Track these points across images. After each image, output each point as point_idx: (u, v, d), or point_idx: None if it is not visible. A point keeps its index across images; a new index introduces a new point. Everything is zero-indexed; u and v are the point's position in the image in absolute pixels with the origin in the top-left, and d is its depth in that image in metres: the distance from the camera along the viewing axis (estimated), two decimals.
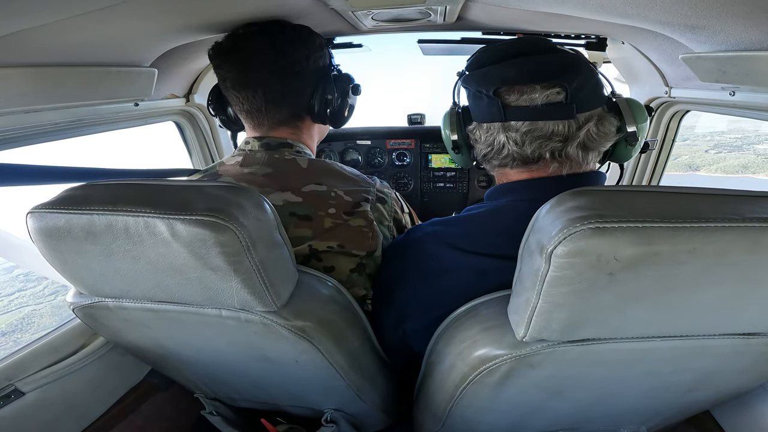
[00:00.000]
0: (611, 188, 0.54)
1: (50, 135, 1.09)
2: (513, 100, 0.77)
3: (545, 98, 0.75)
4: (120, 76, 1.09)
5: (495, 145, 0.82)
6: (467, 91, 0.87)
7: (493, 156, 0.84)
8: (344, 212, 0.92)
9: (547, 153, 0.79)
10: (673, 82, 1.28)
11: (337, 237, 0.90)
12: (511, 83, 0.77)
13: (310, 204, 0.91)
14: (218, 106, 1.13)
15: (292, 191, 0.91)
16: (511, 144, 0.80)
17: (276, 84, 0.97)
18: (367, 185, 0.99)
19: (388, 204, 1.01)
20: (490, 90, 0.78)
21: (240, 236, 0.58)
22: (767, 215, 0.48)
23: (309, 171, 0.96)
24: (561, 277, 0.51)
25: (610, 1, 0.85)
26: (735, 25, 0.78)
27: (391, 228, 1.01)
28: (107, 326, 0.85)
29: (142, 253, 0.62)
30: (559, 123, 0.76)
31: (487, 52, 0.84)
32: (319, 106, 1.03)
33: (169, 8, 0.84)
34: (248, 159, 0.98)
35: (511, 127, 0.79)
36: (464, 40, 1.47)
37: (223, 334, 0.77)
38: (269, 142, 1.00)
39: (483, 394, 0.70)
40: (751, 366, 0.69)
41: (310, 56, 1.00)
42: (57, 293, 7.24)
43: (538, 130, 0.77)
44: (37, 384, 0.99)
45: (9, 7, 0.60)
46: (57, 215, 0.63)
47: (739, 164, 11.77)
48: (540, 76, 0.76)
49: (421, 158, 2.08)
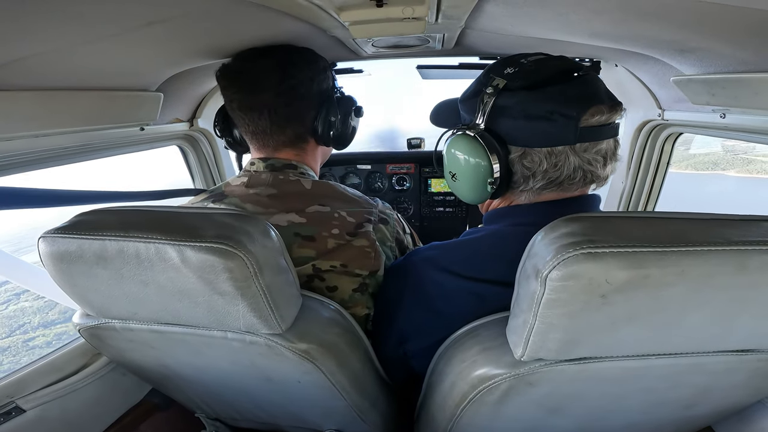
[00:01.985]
0: (602, 214, 0.57)
1: (59, 159, 1.12)
2: (594, 121, 0.75)
3: (617, 117, 0.77)
4: (127, 100, 1.12)
5: (565, 170, 0.77)
6: (515, 111, 0.77)
7: (558, 182, 0.78)
8: (347, 233, 0.93)
9: (609, 170, 0.80)
10: (666, 105, 1.31)
11: (340, 257, 0.91)
12: (598, 102, 0.75)
13: (314, 225, 0.92)
14: (224, 127, 1.15)
15: (297, 212, 0.93)
16: (589, 166, 0.77)
17: (281, 106, 0.99)
18: (370, 206, 1.01)
19: (390, 225, 1.03)
20: (579, 111, 0.73)
21: (248, 262, 0.60)
22: (752, 239, 0.51)
23: (313, 192, 0.97)
24: (556, 299, 0.53)
25: (601, 26, 0.89)
26: (723, 48, 0.81)
27: (394, 248, 1.02)
28: (112, 346, 0.87)
29: (151, 277, 0.64)
30: (610, 141, 0.78)
31: (544, 67, 0.78)
32: (322, 128, 1.05)
33: (177, 34, 0.87)
34: (253, 180, 0.99)
35: (578, 149, 0.76)
36: (462, 65, 1.51)
37: (226, 355, 0.78)
38: (274, 164, 1.01)
39: (483, 413, 0.72)
40: (747, 382, 0.70)
41: (314, 78, 1.03)
42: None
43: (602, 150, 0.77)
44: (38, 402, 1.00)
45: (20, 32, 0.63)
46: (69, 240, 0.65)
47: (709, 161, 11.85)
48: (607, 95, 0.77)
49: (421, 183, 2.10)
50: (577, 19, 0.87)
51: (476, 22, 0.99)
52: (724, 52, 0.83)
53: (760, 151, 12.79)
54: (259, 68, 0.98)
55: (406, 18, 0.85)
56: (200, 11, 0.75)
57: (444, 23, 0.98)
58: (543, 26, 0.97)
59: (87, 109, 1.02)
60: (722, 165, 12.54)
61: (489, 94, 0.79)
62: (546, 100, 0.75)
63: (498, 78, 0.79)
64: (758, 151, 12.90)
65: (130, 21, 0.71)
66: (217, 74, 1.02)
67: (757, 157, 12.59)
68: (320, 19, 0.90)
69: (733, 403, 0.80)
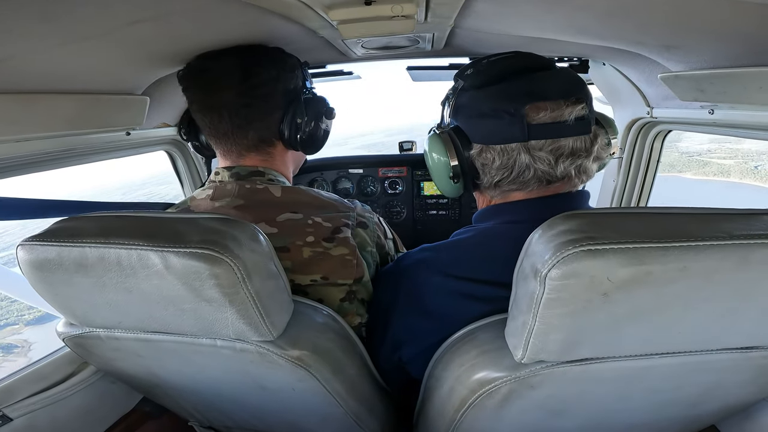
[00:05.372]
0: (600, 210, 0.56)
1: (42, 165, 1.09)
2: (539, 118, 0.74)
3: (572, 114, 0.74)
4: (112, 104, 1.09)
5: (516, 167, 0.78)
6: (470, 110, 0.81)
7: (511, 179, 0.79)
8: (323, 239, 0.87)
9: (573, 170, 0.78)
10: (654, 102, 1.32)
11: (320, 269, 0.86)
12: (541, 99, 0.74)
13: (287, 234, 0.86)
14: (190, 131, 1.09)
15: (267, 222, 0.87)
16: (539, 164, 0.76)
17: (242, 107, 0.92)
18: (347, 209, 0.94)
19: (369, 228, 0.96)
20: (518, 108, 0.73)
21: (235, 268, 0.58)
22: (754, 232, 0.50)
23: (283, 200, 0.91)
24: (556, 299, 0.52)
25: (588, 23, 0.89)
26: (709, 43, 0.81)
27: (374, 254, 0.96)
28: (98, 355, 0.84)
29: (135, 285, 0.62)
30: (578, 139, 0.76)
31: (494, 67, 0.80)
32: (289, 131, 0.97)
33: (161, 35, 0.84)
34: (219, 191, 0.93)
35: (534, 147, 0.75)
36: (452, 66, 1.51)
37: (217, 363, 0.76)
38: (239, 172, 0.95)
39: (484, 417, 0.70)
40: (753, 379, 0.69)
41: (279, 78, 0.96)
42: None
43: (562, 148, 0.75)
44: (26, 410, 0.97)
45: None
46: (48, 248, 0.63)
47: (666, 162, 12.26)
48: (567, 91, 0.75)
49: (413, 186, 2.09)
50: (563, 16, 0.87)
51: (465, 21, 0.98)
52: (711, 48, 0.83)
53: (716, 154, 13.38)
54: (221, 67, 0.92)
55: (395, 16, 0.84)
56: (185, 10, 0.73)
57: (433, 22, 0.97)
58: (531, 24, 0.96)
59: (70, 112, 0.99)
60: (678, 167, 13.01)
61: (451, 95, 0.84)
62: (490, 98, 0.77)
63: (460, 79, 0.84)
64: (713, 155, 13.52)
65: (109, 21, 0.69)
66: (179, 75, 0.96)
67: (712, 160, 13.13)
68: (308, 19, 0.89)
69: (739, 402, 0.79)
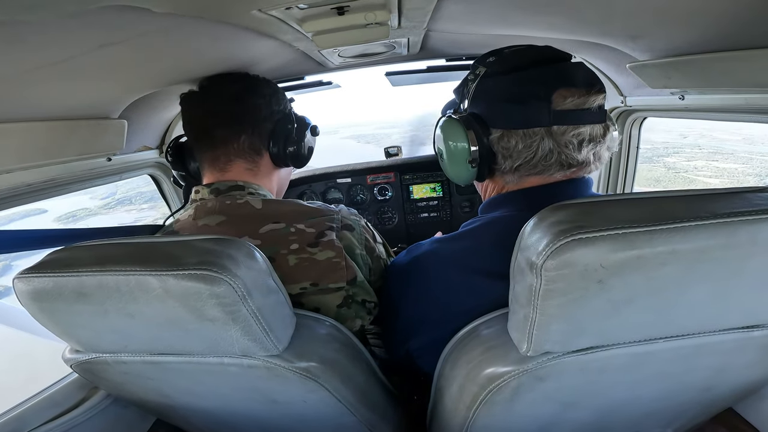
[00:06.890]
0: (588, 200, 0.57)
1: (25, 197, 1.06)
2: (564, 104, 0.76)
3: (596, 102, 0.77)
4: (89, 129, 1.07)
5: (539, 151, 0.79)
6: (494, 94, 0.83)
7: (533, 164, 0.81)
8: (308, 245, 0.87)
9: (591, 155, 0.80)
10: (627, 92, 1.36)
11: (307, 275, 0.85)
12: (570, 85, 0.77)
13: (271, 244, 0.86)
14: (177, 159, 1.13)
15: (250, 235, 0.87)
16: (564, 149, 0.78)
17: (238, 113, 0.99)
18: (331, 213, 0.94)
19: (356, 231, 0.96)
20: (548, 92, 0.76)
21: (235, 286, 0.58)
22: (737, 209, 0.51)
23: (264, 211, 0.92)
24: (553, 289, 0.53)
25: (555, 19, 0.91)
26: (672, 30, 0.83)
27: (365, 257, 0.96)
28: (108, 380, 0.83)
29: (136, 309, 0.61)
30: (595, 126, 0.79)
31: (521, 55, 0.83)
32: (277, 147, 1.03)
33: (134, 57, 0.83)
34: (200, 210, 0.93)
35: (556, 132, 0.77)
36: (430, 68, 1.53)
37: (227, 380, 0.75)
38: (219, 187, 0.96)
39: (497, 413, 0.70)
40: (761, 359, 0.70)
41: (272, 98, 1.04)
42: None
43: (583, 134, 0.78)
44: None
45: None
46: (45, 279, 0.62)
47: (652, 177, 12.62)
48: (592, 80, 0.79)
49: (403, 191, 2.10)
50: (531, 12, 0.89)
51: (438, 24, 1.00)
52: (674, 35, 0.85)
53: (702, 172, 13.96)
54: (216, 91, 1.01)
55: (369, 24, 0.85)
56: (155, 31, 0.72)
57: (407, 27, 0.98)
58: (501, 22, 0.98)
59: (47, 141, 0.96)
60: (664, 182, 13.50)
61: (471, 81, 0.86)
62: (518, 83, 0.79)
63: (481, 66, 0.85)
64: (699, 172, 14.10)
65: (77, 45, 0.67)
66: (182, 96, 1.02)
67: (698, 177, 13.74)
68: (283, 32, 0.89)
69: (750, 383, 0.79)
